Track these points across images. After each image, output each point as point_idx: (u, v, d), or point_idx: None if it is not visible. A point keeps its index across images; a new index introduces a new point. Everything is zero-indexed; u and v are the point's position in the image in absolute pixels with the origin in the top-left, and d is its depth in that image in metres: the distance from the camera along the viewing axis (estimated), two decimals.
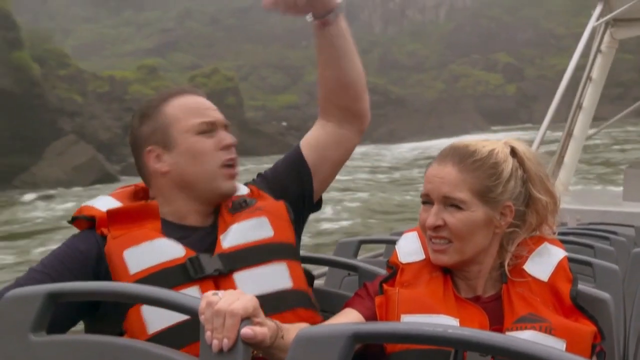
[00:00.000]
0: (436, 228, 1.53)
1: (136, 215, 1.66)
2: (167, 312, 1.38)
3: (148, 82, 67.64)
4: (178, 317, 1.45)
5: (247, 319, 1.22)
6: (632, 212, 6.15)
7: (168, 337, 1.49)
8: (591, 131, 9.19)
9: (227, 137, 1.75)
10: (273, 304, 1.54)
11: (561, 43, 76.36)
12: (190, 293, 1.49)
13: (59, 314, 1.42)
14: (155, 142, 1.72)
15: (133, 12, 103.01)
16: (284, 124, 70.60)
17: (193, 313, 1.24)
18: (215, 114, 1.77)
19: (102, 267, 1.61)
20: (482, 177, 1.53)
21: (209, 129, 1.72)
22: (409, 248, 1.63)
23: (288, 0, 1.59)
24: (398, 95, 76.64)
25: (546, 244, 1.58)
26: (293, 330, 1.31)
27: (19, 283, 1.57)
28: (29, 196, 35.24)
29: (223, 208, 1.75)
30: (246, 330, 1.20)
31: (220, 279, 1.57)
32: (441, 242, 1.53)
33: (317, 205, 1.93)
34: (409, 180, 33.25)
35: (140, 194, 1.84)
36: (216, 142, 1.72)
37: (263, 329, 1.24)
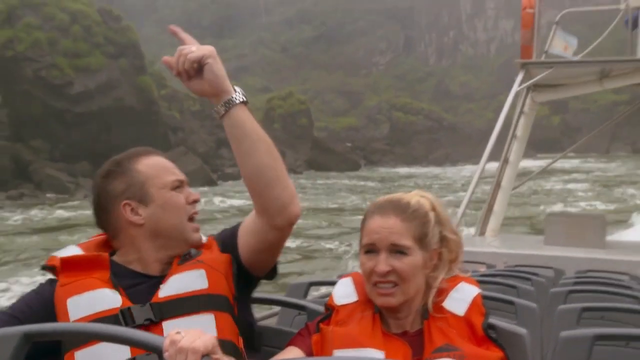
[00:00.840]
0: (386, 274, 1.62)
1: (86, 264, 1.70)
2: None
3: None
4: None
5: (206, 355, 1.24)
6: (551, 255, 6.29)
7: None
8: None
9: (193, 193, 1.84)
10: None
11: None
12: (116, 346, 1.50)
13: (30, 354, 1.43)
14: (130, 196, 1.76)
15: (213, 39, 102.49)
16: (349, 144, 72.74)
17: (158, 350, 1.26)
18: (180, 173, 1.86)
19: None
20: (419, 225, 1.66)
21: (180, 185, 1.81)
22: (344, 291, 1.73)
23: (178, 64, 1.64)
24: (450, 122, 77.41)
25: (462, 283, 1.69)
26: None
27: None
28: None
29: (175, 259, 1.79)
30: None
31: (150, 328, 1.62)
32: (388, 286, 1.62)
33: (270, 276, 1.92)
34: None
35: (108, 243, 1.86)
36: (185, 197, 1.81)
37: None
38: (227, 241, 1.86)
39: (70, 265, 1.70)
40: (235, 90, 1.71)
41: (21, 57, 44.67)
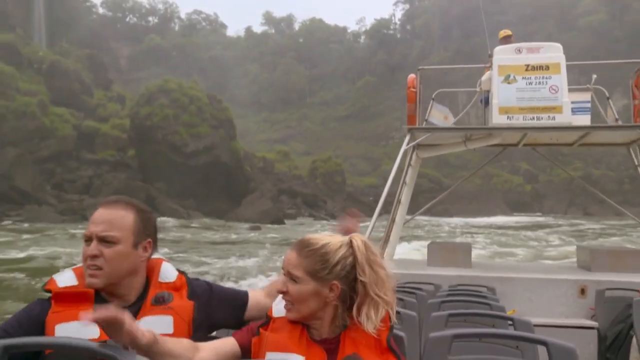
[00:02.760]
0: (283, 293, 1.69)
1: (75, 298, 1.71)
2: None
3: (283, 162, 77.13)
4: None
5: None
6: (432, 274, 6.34)
7: None
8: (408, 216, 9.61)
9: (88, 250, 1.74)
10: None
11: (566, 158, 78.19)
12: None
13: None
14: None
15: (269, 112, 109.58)
16: (371, 198, 73.60)
17: (113, 357, 1.36)
18: (92, 227, 1.75)
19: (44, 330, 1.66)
20: (313, 261, 1.65)
21: (86, 239, 1.75)
22: (280, 307, 1.72)
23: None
24: (448, 185, 76.08)
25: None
26: (170, 341, 1.53)
27: None
28: (236, 227, 41.76)
29: (149, 296, 1.79)
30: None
31: None
32: (288, 304, 1.68)
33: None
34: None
35: None
36: (84, 251, 1.75)
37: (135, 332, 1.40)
38: (228, 306, 1.93)
39: (62, 297, 1.71)
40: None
41: (155, 126, 53.08)
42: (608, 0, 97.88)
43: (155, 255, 1.91)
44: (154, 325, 1.68)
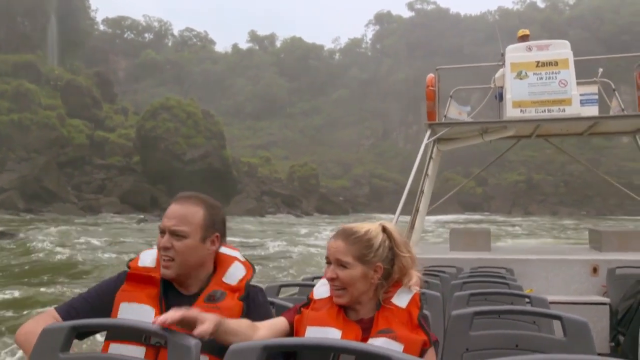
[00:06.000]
0: (332, 279, 1.72)
1: (145, 279, 1.77)
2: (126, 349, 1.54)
3: (265, 167, 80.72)
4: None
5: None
6: (454, 257, 6.31)
7: None
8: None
9: (162, 241, 1.78)
10: None
11: (512, 165, 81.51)
12: (136, 351, 1.59)
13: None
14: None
15: (253, 120, 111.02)
16: (341, 198, 79.26)
17: (151, 332, 1.40)
18: (167, 222, 1.78)
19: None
20: (360, 247, 1.72)
21: (161, 231, 1.79)
22: (321, 290, 1.82)
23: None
24: (411, 187, 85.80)
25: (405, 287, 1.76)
26: (232, 321, 1.57)
27: (68, 304, 1.77)
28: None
29: (207, 291, 1.79)
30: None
31: (161, 349, 1.61)
32: (337, 289, 1.73)
33: None
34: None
35: None
36: (158, 242, 1.80)
37: (203, 326, 1.43)
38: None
39: (133, 277, 1.78)
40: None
41: (159, 137, 57.97)
42: (583, 17, 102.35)
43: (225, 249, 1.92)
44: None
